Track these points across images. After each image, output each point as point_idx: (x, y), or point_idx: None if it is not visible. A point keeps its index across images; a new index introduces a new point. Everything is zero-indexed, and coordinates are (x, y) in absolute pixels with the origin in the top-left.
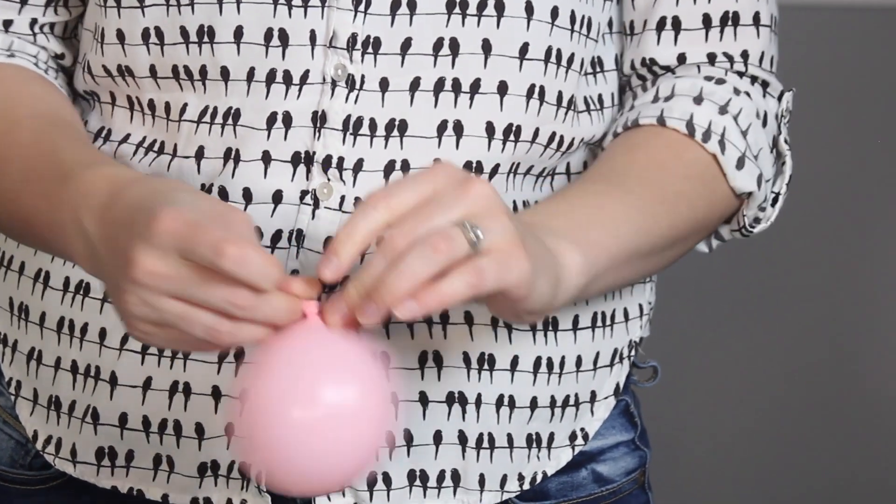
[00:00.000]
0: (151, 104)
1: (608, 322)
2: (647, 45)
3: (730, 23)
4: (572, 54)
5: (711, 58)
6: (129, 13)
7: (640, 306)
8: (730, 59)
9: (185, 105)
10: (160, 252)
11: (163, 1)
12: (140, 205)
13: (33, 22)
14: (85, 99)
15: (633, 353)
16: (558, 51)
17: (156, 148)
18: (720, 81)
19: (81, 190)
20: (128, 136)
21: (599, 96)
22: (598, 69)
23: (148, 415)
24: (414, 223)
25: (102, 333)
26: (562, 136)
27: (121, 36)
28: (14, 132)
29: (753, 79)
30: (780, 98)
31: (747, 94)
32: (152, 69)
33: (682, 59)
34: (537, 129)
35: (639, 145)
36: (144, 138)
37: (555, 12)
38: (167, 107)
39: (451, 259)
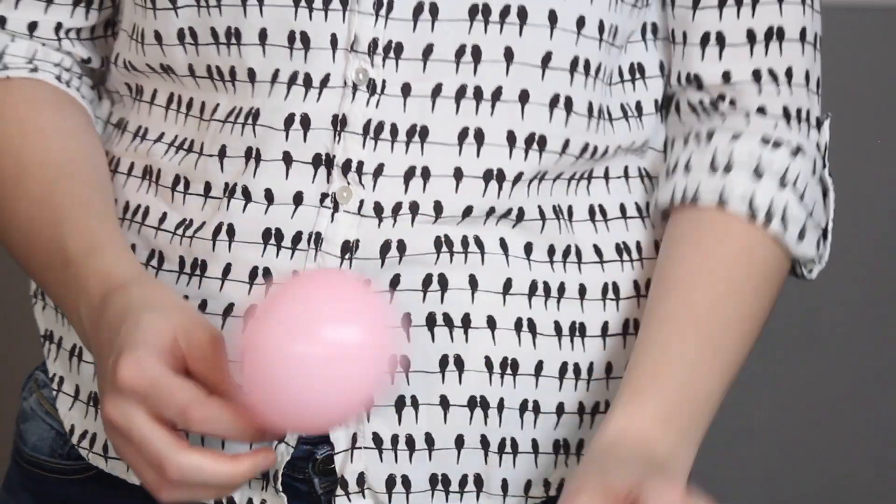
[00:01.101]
0: (190, 103)
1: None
2: (691, 60)
3: (774, 38)
4: (600, 64)
5: (757, 76)
6: (164, 14)
7: None
8: (774, 78)
9: (217, 105)
10: (122, 401)
11: (194, 2)
12: (115, 327)
13: (58, 27)
14: (127, 94)
15: None
16: (586, 61)
17: (185, 146)
18: (776, 144)
19: (80, 283)
20: (162, 134)
21: (638, 103)
22: (636, 76)
23: None
24: None
25: None
26: (595, 147)
27: (158, 37)
28: (23, 183)
29: (798, 112)
30: (819, 126)
31: (801, 149)
32: (191, 68)
33: (727, 76)
34: (567, 141)
35: (716, 263)
36: (176, 137)
37: (581, 21)
38: (202, 106)
39: None
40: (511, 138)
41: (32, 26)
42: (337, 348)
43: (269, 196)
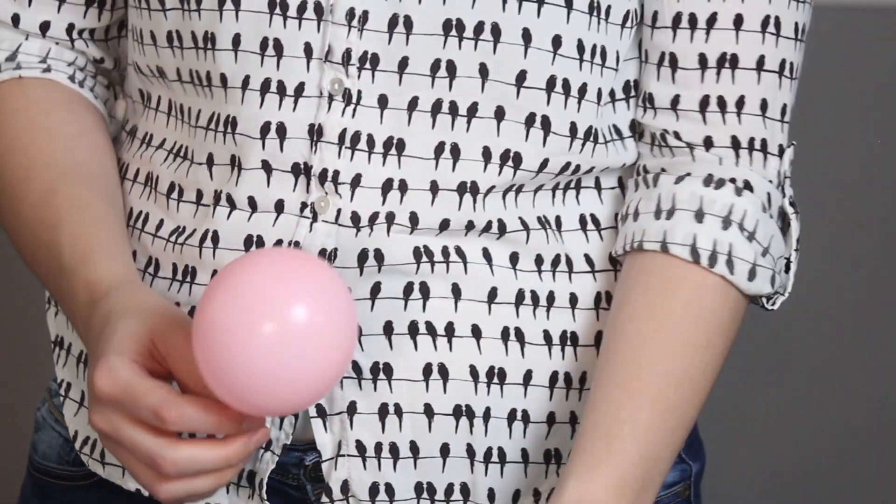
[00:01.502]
0: (181, 108)
1: None
2: (648, 78)
3: (727, 65)
4: (584, 84)
5: (703, 104)
6: (156, 16)
7: None
8: (722, 107)
9: (199, 111)
10: (104, 409)
11: (179, 5)
12: (97, 336)
13: (71, 27)
14: (139, 101)
15: None
16: (565, 80)
17: (181, 153)
18: (720, 184)
19: (72, 293)
20: (163, 141)
21: (632, 123)
22: (631, 94)
23: None
24: None
25: None
26: (578, 165)
27: (153, 38)
28: (27, 184)
29: (751, 142)
30: (781, 154)
31: (748, 184)
32: (178, 72)
33: (675, 102)
34: (546, 160)
35: (664, 316)
36: (175, 143)
37: (557, 41)
38: (190, 112)
39: None
40: (486, 154)
41: (45, 26)
42: (293, 327)
43: (252, 204)
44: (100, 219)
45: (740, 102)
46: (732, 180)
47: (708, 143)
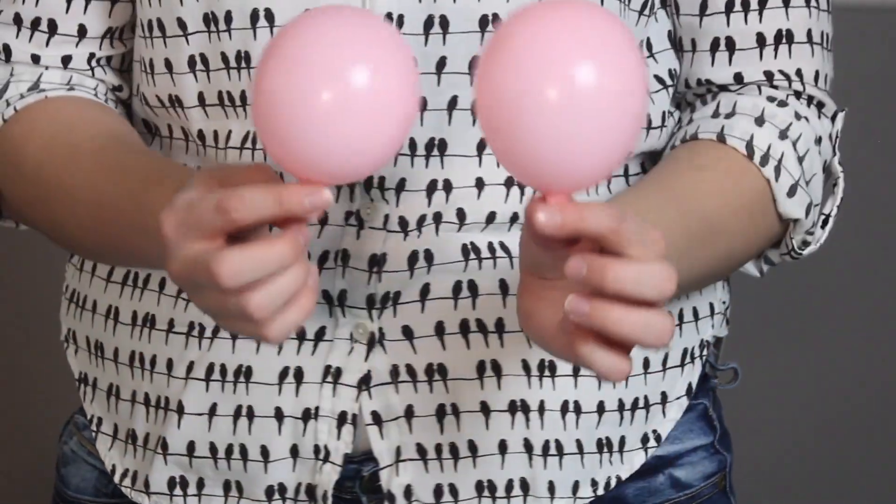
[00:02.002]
0: (201, 134)
1: (676, 322)
2: (701, 66)
3: (784, 41)
4: None
5: (769, 76)
6: (174, 42)
7: (711, 305)
8: (787, 77)
9: (230, 132)
10: (176, 251)
11: (204, 28)
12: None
13: (91, 56)
14: (146, 132)
15: (704, 352)
16: None
17: None
18: (782, 104)
19: (158, 206)
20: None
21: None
22: (668, 83)
23: (214, 441)
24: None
25: (169, 364)
26: None
27: (169, 65)
28: (76, 158)
29: (810, 99)
30: (833, 118)
31: (806, 118)
32: (200, 97)
33: (739, 78)
34: None
35: (705, 167)
36: (199, 168)
37: None
38: (215, 135)
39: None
40: None
41: (66, 59)
42: (359, 91)
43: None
44: (162, 160)
45: (799, 73)
46: (794, 107)
47: (773, 88)
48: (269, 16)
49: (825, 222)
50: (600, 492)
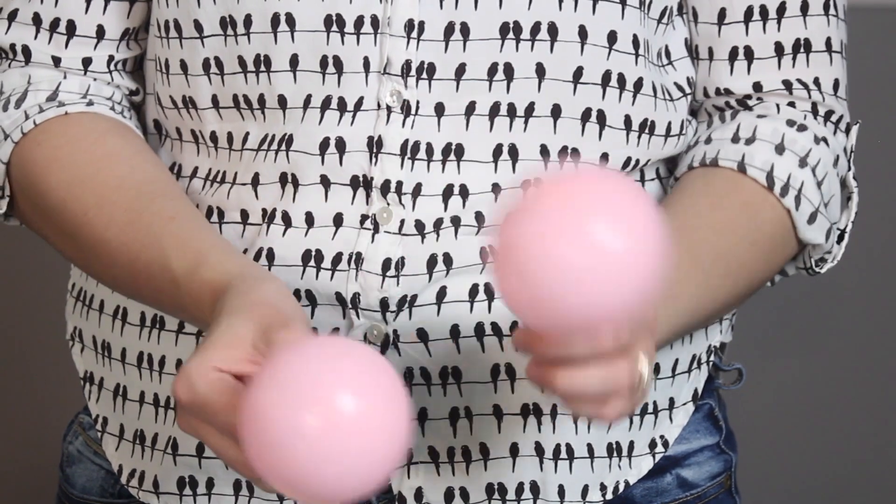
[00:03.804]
0: (214, 136)
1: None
2: (719, 75)
3: (802, 50)
4: (640, 78)
5: (788, 85)
6: (190, 44)
7: None
8: (805, 86)
9: (247, 134)
10: (184, 413)
11: (220, 31)
12: None
13: (109, 59)
14: (155, 133)
15: (711, 357)
16: (620, 75)
17: (218, 178)
18: (802, 129)
19: (194, 299)
20: (195, 169)
21: (669, 123)
22: (666, 96)
23: None
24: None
25: (178, 365)
26: (637, 160)
27: (184, 66)
28: (106, 210)
29: (828, 113)
30: (847, 131)
31: (825, 140)
32: (214, 99)
33: (757, 87)
34: (605, 154)
35: (720, 201)
36: (210, 170)
37: (612, 36)
38: (230, 137)
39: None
40: (544, 151)
41: (87, 62)
42: (340, 417)
43: (309, 219)
44: (196, 222)
45: (817, 82)
46: (812, 130)
47: (791, 105)
48: (291, 20)
49: (840, 237)
50: (609, 496)
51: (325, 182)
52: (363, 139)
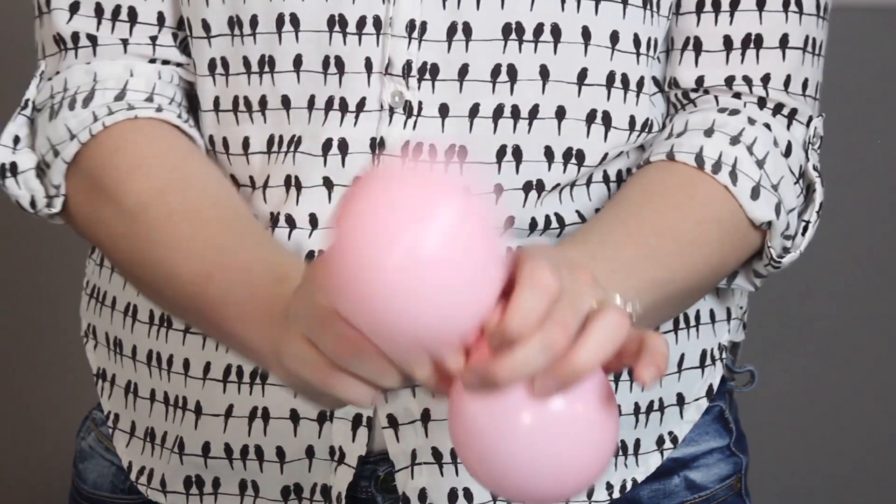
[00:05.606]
0: (212, 140)
1: (692, 323)
2: (672, 65)
3: (752, 45)
4: (642, 77)
5: (729, 81)
6: (198, 43)
7: (728, 310)
8: (748, 82)
9: (247, 138)
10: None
11: (228, 31)
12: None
13: (174, 38)
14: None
15: (723, 355)
16: (623, 75)
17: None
18: (734, 112)
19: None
20: None
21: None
22: (653, 91)
23: (230, 442)
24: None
25: (186, 364)
26: (629, 153)
27: (193, 66)
28: (199, 221)
29: (778, 106)
30: (808, 124)
31: (766, 125)
32: (216, 101)
33: (699, 81)
34: (606, 154)
35: (652, 186)
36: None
37: (615, 36)
38: (225, 142)
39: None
40: (549, 153)
41: (153, 39)
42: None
43: (313, 221)
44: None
45: (766, 79)
46: (749, 115)
47: (736, 97)
48: (295, 20)
49: (805, 229)
50: (616, 495)
51: (328, 184)
52: (366, 140)
